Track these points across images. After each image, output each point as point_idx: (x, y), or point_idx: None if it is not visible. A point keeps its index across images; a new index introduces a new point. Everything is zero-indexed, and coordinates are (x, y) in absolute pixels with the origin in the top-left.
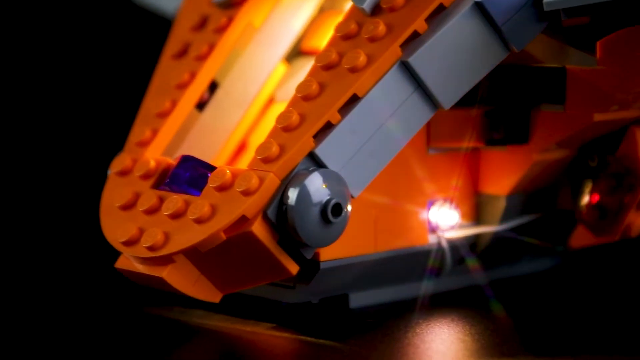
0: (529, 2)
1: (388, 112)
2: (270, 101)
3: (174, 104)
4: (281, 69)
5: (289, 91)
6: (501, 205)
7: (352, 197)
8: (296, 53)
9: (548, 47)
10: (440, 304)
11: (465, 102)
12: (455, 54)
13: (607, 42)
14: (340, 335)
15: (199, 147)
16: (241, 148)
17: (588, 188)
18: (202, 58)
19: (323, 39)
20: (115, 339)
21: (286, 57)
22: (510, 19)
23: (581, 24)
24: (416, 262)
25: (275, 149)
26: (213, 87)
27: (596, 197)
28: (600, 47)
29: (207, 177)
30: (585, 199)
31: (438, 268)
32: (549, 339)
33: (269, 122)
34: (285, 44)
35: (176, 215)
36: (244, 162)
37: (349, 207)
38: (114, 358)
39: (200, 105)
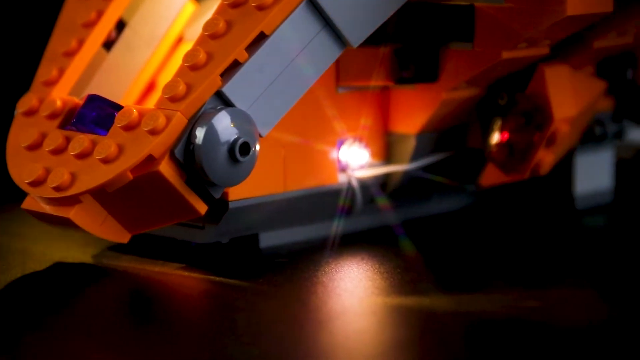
0: None
1: (296, 50)
2: (180, 40)
3: (80, 42)
4: (190, 7)
5: (198, 30)
6: (411, 144)
7: (260, 136)
8: None
9: None
10: (350, 243)
11: (374, 40)
12: None
13: None
14: (250, 274)
15: (106, 87)
16: (150, 88)
17: (497, 126)
18: None
19: None
20: (22, 282)
21: None
22: None
23: None
24: (326, 201)
25: (182, 88)
26: (121, 26)
27: (505, 136)
28: None
29: (114, 116)
30: (495, 138)
31: (348, 207)
32: (458, 276)
33: (178, 62)
34: None
35: (82, 155)
36: (152, 102)
37: (257, 146)
38: (22, 301)
39: (108, 45)
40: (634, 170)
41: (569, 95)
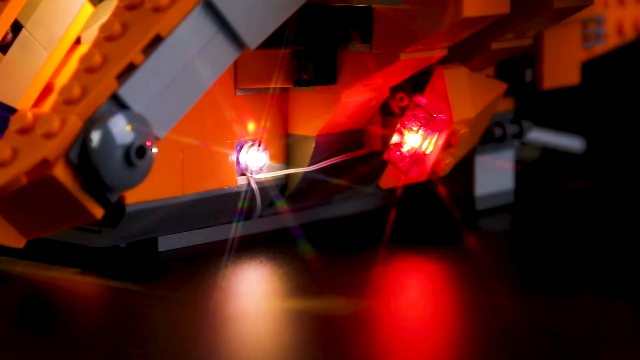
0: None
1: (193, 52)
2: (77, 43)
3: None
4: (88, 9)
5: (95, 32)
6: (310, 146)
7: (157, 138)
8: None
9: None
10: (250, 246)
11: (273, 42)
12: None
13: None
14: (148, 278)
15: (2, 90)
16: (48, 90)
17: (396, 128)
18: None
19: None
20: None
21: None
22: None
23: None
24: (225, 204)
25: (77, 91)
26: (16, 27)
27: (404, 137)
28: None
29: (8, 120)
30: (394, 139)
31: (248, 210)
32: (357, 279)
33: (75, 64)
34: None
35: None
36: (49, 105)
37: (154, 149)
38: None
39: (3, 48)
40: (539, 170)
41: (467, 97)
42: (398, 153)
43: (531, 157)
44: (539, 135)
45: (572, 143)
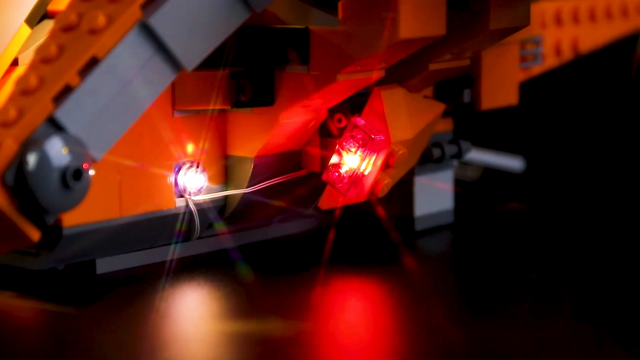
0: None
1: (129, 74)
2: (15, 65)
3: None
4: (25, 31)
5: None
6: (249, 167)
7: (94, 160)
8: (43, 16)
9: (292, 8)
10: (188, 268)
11: (212, 63)
12: (196, 15)
13: (349, 2)
14: (86, 301)
15: None
16: None
17: (335, 149)
18: None
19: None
20: None
21: (31, 19)
22: None
23: None
24: (164, 226)
25: (13, 113)
26: None
27: (343, 158)
28: (342, 8)
29: None
30: (333, 160)
31: (186, 232)
32: (296, 301)
33: (11, 87)
34: (27, 6)
35: None
36: None
37: (91, 172)
38: None
39: None
40: (478, 190)
41: (405, 118)
42: (337, 174)
43: (473, 177)
44: (478, 156)
45: (511, 163)
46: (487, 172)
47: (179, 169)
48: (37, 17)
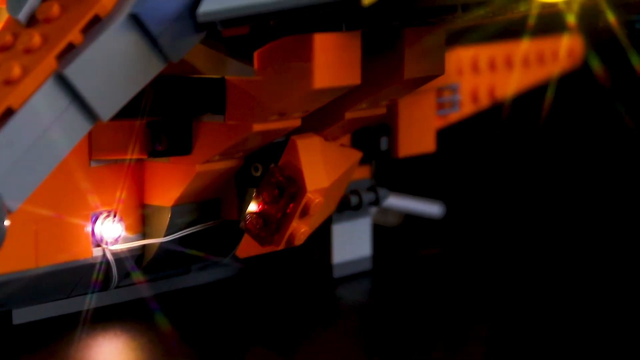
0: (184, 13)
1: (45, 125)
2: None
3: None
4: None
5: None
6: (166, 216)
7: (9, 211)
8: None
9: (208, 58)
10: (105, 318)
11: (129, 113)
12: (112, 66)
13: (264, 53)
14: (3, 352)
15: None
16: None
17: (252, 197)
18: None
19: None
20: None
21: None
22: (166, 29)
23: (242, 35)
24: (80, 276)
25: None
26: None
27: (260, 207)
28: (258, 58)
29: None
30: (250, 209)
31: (103, 282)
32: (212, 348)
33: None
34: None
35: None
36: None
37: (6, 222)
38: None
39: None
40: (399, 236)
41: (321, 167)
42: (254, 222)
43: (393, 223)
44: (397, 202)
45: (431, 209)
46: (408, 218)
47: (96, 219)
48: None
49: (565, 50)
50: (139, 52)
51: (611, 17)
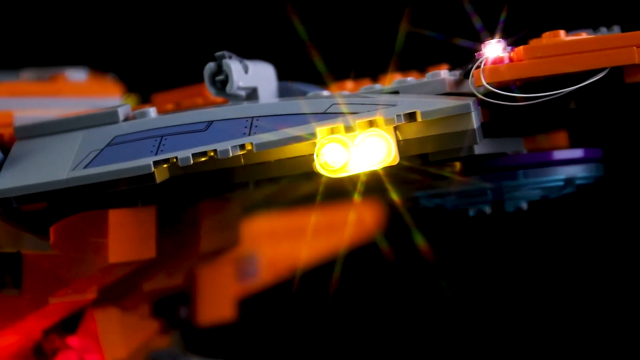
0: None
1: None
2: None
3: None
4: None
5: None
6: None
7: None
8: None
9: (4, 232)
10: None
11: None
12: None
13: (60, 227)
14: None
15: None
16: None
17: None
18: None
19: None
20: None
21: None
22: None
23: (39, 209)
24: None
25: None
26: None
27: None
28: (54, 232)
29: None
30: None
31: None
32: None
33: None
34: None
35: None
36: None
37: None
38: None
39: None
40: None
41: (119, 337)
42: None
43: None
44: None
45: None
46: None
47: None
48: None
49: (364, 219)
50: None
51: (395, 196)
